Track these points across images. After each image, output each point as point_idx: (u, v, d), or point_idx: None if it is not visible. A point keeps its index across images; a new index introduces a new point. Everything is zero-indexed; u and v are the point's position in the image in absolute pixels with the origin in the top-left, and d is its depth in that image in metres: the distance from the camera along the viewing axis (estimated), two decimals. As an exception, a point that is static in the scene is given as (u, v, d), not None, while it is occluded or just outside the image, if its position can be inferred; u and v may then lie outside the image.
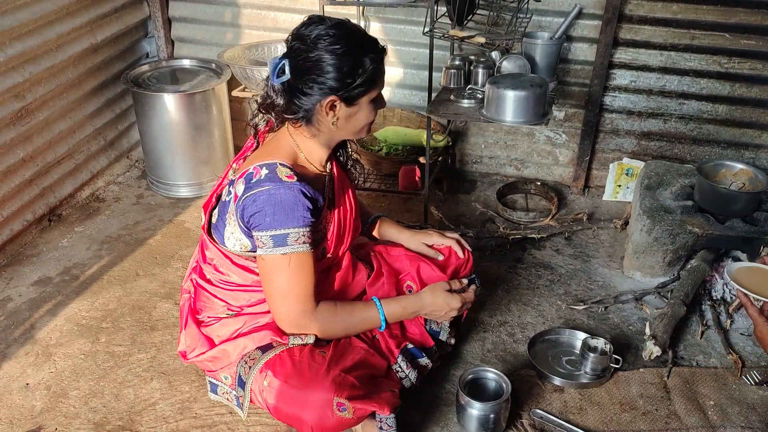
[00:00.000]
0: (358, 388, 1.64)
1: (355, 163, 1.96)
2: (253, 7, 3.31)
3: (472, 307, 2.02)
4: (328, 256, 1.82)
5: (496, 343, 2.27)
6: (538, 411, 1.97)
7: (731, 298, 2.45)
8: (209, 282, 1.85)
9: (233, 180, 1.71)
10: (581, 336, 2.22)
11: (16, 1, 2.60)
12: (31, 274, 2.62)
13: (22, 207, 2.79)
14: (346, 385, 1.62)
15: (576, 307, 2.46)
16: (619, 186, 3.18)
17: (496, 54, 2.72)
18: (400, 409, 1.72)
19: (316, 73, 1.60)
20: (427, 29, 2.54)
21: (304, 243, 1.64)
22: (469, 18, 2.76)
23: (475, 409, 1.82)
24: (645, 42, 2.93)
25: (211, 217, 1.83)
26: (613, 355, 2.10)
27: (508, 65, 2.65)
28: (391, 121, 3.30)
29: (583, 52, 3.01)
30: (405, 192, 3.05)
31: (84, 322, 2.35)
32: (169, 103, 3.01)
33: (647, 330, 2.22)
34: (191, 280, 1.90)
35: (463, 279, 1.99)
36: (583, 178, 3.25)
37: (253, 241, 1.67)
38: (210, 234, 1.81)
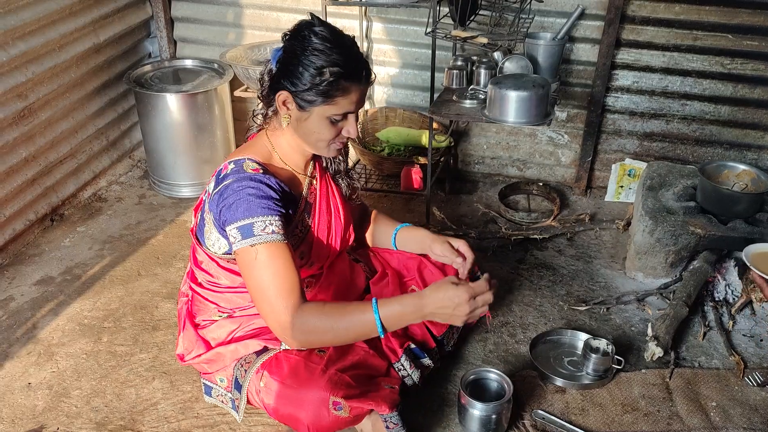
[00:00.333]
0: (354, 387, 1.64)
1: (345, 175, 1.93)
2: (256, 7, 3.31)
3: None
4: (311, 261, 1.81)
5: (497, 344, 2.27)
6: (540, 412, 1.97)
7: (733, 299, 2.45)
8: (200, 285, 1.86)
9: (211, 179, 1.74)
10: (583, 337, 2.22)
11: (19, 0, 2.61)
12: (33, 274, 2.62)
13: (24, 207, 2.79)
14: (342, 384, 1.62)
15: (578, 307, 2.46)
16: (622, 187, 3.18)
17: (498, 54, 2.72)
18: (401, 406, 1.71)
19: (285, 65, 1.62)
20: (429, 29, 2.54)
21: (274, 233, 1.57)
22: (471, 18, 2.76)
23: (477, 410, 1.81)
24: (647, 43, 2.93)
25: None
26: (615, 356, 2.09)
27: (510, 66, 2.65)
28: (393, 122, 3.30)
29: (585, 52, 3.01)
30: (407, 192, 3.05)
31: (86, 322, 2.36)
32: (172, 103, 3.02)
33: (649, 331, 2.21)
34: (188, 285, 1.92)
35: (481, 276, 1.71)
36: (586, 178, 3.25)
37: (228, 238, 1.64)
38: (197, 235, 1.81)
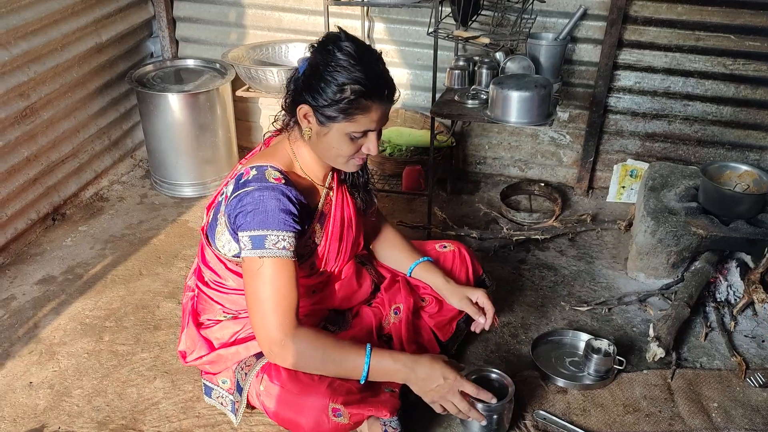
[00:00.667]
0: (355, 393, 1.63)
1: (363, 190, 1.91)
2: (258, 7, 3.32)
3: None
4: (320, 271, 1.81)
5: (499, 344, 2.27)
6: (541, 412, 1.96)
7: (735, 300, 2.44)
8: (206, 285, 1.86)
9: (228, 181, 1.73)
10: (585, 337, 2.22)
11: (21, 0, 2.61)
12: (34, 273, 2.62)
13: (26, 206, 2.80)
14: (342, 391, 1.61)
15: (579, 308, 2.46)
16: (623, 187, 3.18)
17: (500, 55, 2.72)
18: (400, 409, 1.70)
19: (309, 79, 1.60)
20: (431, 30, 2.54)
21: (284, 249, 1.58)
22: (473, 18, 2.76)
23: (479, 410, 1.81)
24: (650, 43, 2.92)
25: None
26: (617, 357, 2.09)
27: (512, 66, 2.65)
28: (394, 122, 3.30)
29: (587, 53, 3.01)
30: (409, 192, 3.05)
31: (87, 321, 2.36)
32: (174, 103, 3.02)
33: (651, 331, 2.21)
34: (194, 280, 1.91)
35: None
36: (587, 179, 3.25)
37: (239, 243, 1.64)
38: (207, 234, 1.81)
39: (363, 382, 1.64)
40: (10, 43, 2.57)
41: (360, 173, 1.87)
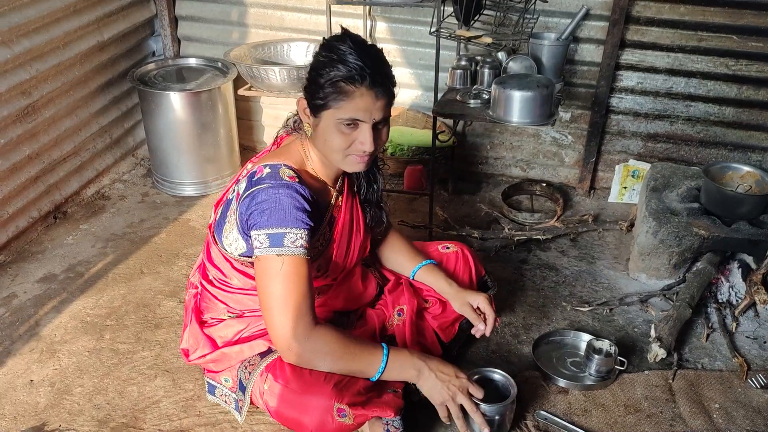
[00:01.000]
0: (361, 394, 1.63)
1: (375, 206, 1.91)
2: (260, 6, 3.31)
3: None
4: (327, 273, 1.81)
5: (500, 345, 2.27)
6: (543, 412, 1.96)
7: (737, 301, 2.44)
8: (211, 283, 1.86)
9: (240, 178, 1.72)
10: (586, 338, 2.21)
11: (24, -2, 2.62)
12: (36, 271, 2.62)
13: (27, 204, 2.80)
14: (348, 392, 1.61)
15: (581, 308, 2.45)
16: (625, 188, 3.17)
17: (502, 54, 2.72)
18: (403, 410, 1.70)
19: (308, 74, 1.64)
20: (433, 29, 2.54)
21: (301, 246, 1.58)
22: (475, 18, 2.76)
23: (481, 411, 1.81)
24: (652, 44, 2.92)
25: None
26: (618, 357, 2.09)
27: (514, 66, 2.65)
28: (396, 122, 3.30)
29: (589, 53, 3.00)
30: (410, 192, 3.05)
31: (88, 320, 2.36)
32: (175, 102, 3.02)
33: (652, 332, 2.21)
34: (198, 278, 1.91)
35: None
36: (589, 179, 3.25)
37: (249, 242, 1.63)
38: (213, 232, 1.81)
39: (376, 379, 1.65)
40: (12, 41, 2.57)
41: (374, 189, 1.88)
